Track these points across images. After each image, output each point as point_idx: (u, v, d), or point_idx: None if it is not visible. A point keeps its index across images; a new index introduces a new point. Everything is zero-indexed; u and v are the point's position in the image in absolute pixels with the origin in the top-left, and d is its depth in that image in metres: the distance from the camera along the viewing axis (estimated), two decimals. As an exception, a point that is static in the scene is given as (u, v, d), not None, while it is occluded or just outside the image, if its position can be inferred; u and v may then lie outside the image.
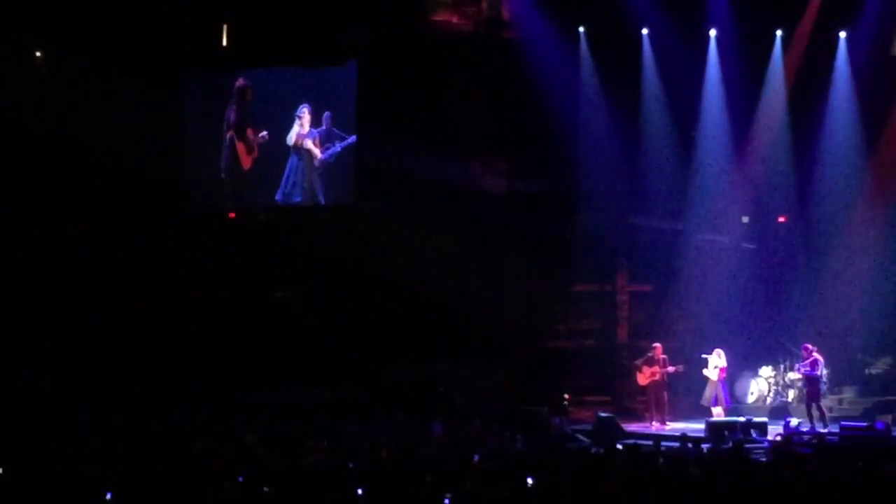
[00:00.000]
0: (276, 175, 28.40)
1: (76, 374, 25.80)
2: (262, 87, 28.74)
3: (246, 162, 28.71)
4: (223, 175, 28.83)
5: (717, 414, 23.85)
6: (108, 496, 12.86)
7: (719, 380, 24.20)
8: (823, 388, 23.86)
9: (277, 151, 28.41)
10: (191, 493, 13.06)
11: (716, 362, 24.24)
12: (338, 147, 27.90)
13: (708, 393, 24.28)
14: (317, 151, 28.13)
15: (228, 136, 28.73)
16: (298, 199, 28.41)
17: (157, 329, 27.39)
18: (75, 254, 27.66)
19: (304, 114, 28.15)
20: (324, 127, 28.05)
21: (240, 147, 28.65)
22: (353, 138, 27.78)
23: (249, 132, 28.60)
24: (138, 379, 25.95)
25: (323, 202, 28.31)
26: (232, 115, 28.69)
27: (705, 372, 24.30)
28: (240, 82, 28.69)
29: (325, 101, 28.19)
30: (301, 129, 28.19)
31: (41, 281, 27.53)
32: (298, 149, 28.26)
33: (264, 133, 28.50)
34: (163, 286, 27.95)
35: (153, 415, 21.79)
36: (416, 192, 27.02)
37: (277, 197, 28.48)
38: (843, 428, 21.79)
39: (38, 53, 28.75)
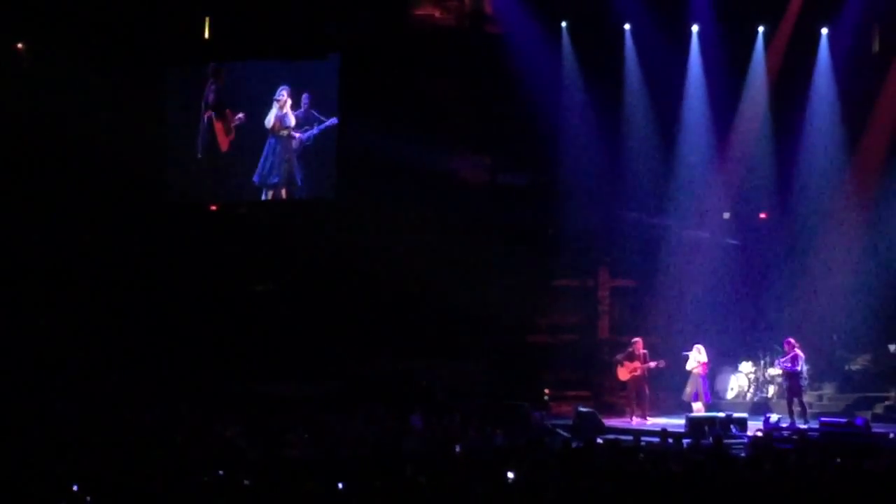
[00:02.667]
0: (254, 157, 28.25)
1: (54, 367, 25.71)
2: (241, 74, 28.67)
3: (223, 143, 28.60)
4: (200, 155, 28.68)
5: (698, 409, 23.88)
6: (75, 488, 12.83)
7: (700, 375, 24.26)
8: (804, 383, 23.93)
9: (255, 134, 28.26)
10: (171, 487, 13.05)
11: (696, 357, 24.29)
12: (315, 130, 27.82)
13: (689, 388, 24.33)
14: (295, 134, 28.07)
15: (206, 116, 28.64)
16: (276, 180, 28.26)
17: (137, 321, 27.30)
18: (55, 245, 27.53)
19: (283, 96, 28.04)
20: (302, 109, 27.98)
21: (218, 127, 28.52)
22: (333, 120, 27.70)
23: (228, 113, 28.51)
24: (118, 372, 25.88)
25: (300, 184, 28.20)
26: (210, 95, 28.62)
27: (688, 367, 24.35)
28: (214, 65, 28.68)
29: (305, 85, 28.11)
30: (280, 111, 28.11)
31: (19, 272, 27.39)
32: (276, 131, 28.19)
33: (241, 115, 28.40)
34: (143, 278, 27.86)
35: (133, 408, 21.72)
36: (398, 186, 26.96)
37: (255, 178, 28.36)
38: (822, 424, 21.84)
39: (19, 45, 28.62)
